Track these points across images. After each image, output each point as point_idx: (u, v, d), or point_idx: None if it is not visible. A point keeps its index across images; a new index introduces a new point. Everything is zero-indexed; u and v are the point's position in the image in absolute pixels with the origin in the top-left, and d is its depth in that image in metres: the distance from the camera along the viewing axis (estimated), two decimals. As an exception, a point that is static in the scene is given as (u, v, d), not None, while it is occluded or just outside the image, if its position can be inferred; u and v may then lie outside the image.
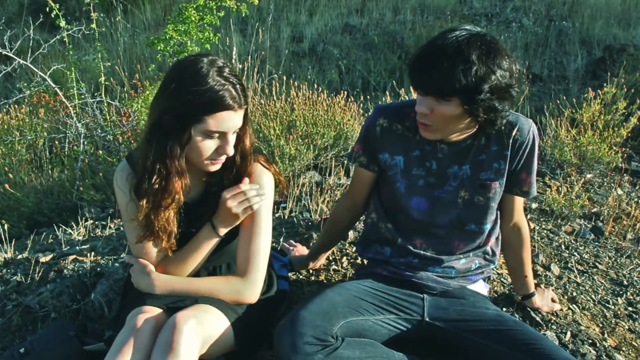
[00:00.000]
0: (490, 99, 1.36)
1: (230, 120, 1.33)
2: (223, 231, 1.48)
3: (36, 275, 2.07)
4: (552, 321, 1.80)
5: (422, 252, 1.61)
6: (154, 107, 1.38)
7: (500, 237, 1.72)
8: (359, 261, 2.08)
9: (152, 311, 1.39)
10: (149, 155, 1.36)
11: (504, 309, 1.80)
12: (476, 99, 1.34)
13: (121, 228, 2.59)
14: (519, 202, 1.65)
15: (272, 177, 1.54)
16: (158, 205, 1.39)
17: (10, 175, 3.16)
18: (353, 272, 2.02)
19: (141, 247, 1.49)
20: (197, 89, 1.29)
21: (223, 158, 1.40)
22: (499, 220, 1.67)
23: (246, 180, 1.47)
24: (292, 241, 2.17)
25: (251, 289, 1.49)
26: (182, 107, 1.30)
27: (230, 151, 1.38)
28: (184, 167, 1.38)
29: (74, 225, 2.70)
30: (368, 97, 4.75)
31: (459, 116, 1.40)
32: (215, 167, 1.42)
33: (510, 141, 1.52)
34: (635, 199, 3.04)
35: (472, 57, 1.31)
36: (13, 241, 2.54)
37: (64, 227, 2.65)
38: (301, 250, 2.09)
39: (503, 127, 1.52)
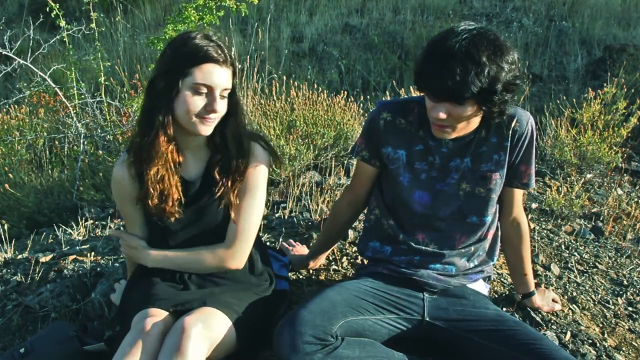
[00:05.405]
0: (504, 95, 1.38)
1: (216, 75, 1.39)
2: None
3: (36, 275, 2.07)
4: (552, 321, 1.80)
5: (423, 247, 1.62)
6: (150, 79, 1.46)
7: (500, 234, 1.73)
8: (359, 261, 2.08)
9: (159, 314, 1.40)
10: (141, 114, 1.47)
11: (504, 309, 1.80)
12: (491, 98, 1.36)
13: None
14: (519, 194, 1.66)
15: (269, 156, 1.59)
16: (147, 160, 1.45)
17: (10, 175, 3.16)
18: (353, 272, 2.02)
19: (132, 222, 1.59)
20: (184, 46, 1.40)
21: (212, 117, 1.43)
22: (497, 214, 1.68)
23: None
24: (291, 241, 2.17)
25: (238, 257, 1.54)
26: (170, 64, 1.40)
27: (218, 107, 1.41)
28: (171, 124, 1.42)
29: (74, 225, 2.70)
30: (368, 97, 4.74)
31: (473, 114, 1.43)
32: (206, 128, 1.43)
33: (510, 132, 1.54)
34: (635, 199, 3.04)
35: (482, 59, 1.31)
36: (13, 241, 2.54)
37: (64, 227, 2.65)
38: (301, 250, 2.09)
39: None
